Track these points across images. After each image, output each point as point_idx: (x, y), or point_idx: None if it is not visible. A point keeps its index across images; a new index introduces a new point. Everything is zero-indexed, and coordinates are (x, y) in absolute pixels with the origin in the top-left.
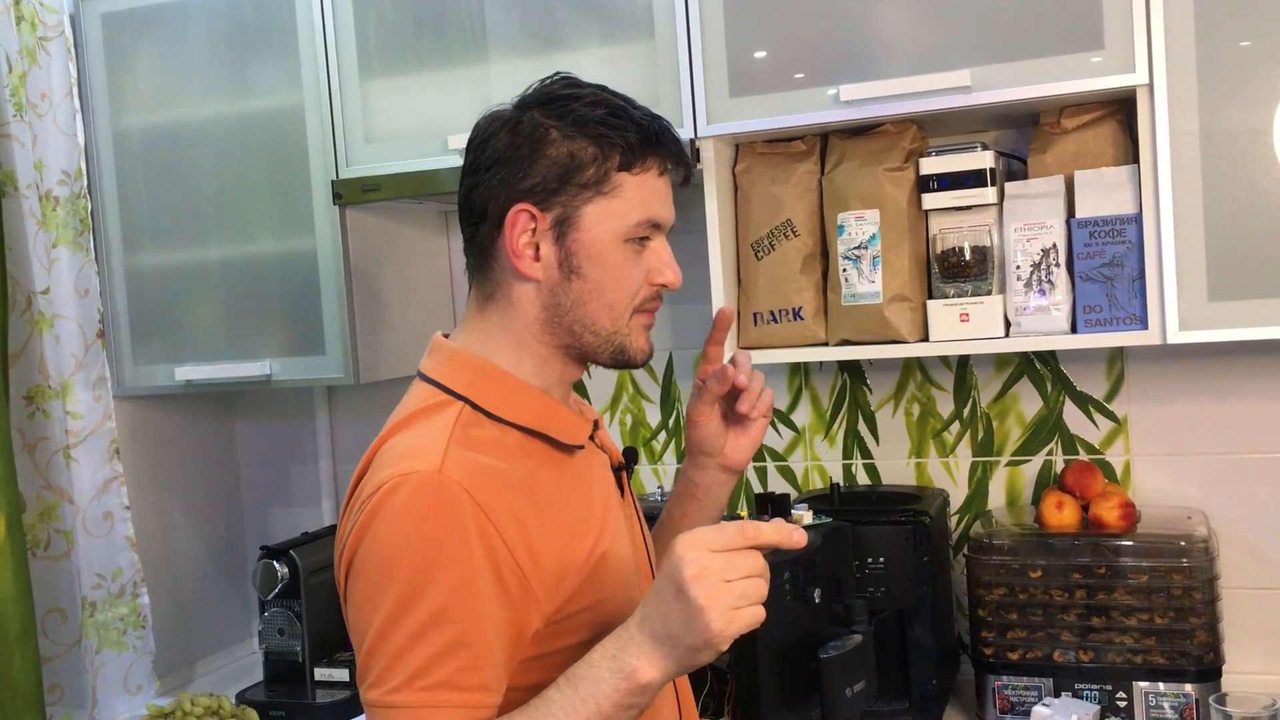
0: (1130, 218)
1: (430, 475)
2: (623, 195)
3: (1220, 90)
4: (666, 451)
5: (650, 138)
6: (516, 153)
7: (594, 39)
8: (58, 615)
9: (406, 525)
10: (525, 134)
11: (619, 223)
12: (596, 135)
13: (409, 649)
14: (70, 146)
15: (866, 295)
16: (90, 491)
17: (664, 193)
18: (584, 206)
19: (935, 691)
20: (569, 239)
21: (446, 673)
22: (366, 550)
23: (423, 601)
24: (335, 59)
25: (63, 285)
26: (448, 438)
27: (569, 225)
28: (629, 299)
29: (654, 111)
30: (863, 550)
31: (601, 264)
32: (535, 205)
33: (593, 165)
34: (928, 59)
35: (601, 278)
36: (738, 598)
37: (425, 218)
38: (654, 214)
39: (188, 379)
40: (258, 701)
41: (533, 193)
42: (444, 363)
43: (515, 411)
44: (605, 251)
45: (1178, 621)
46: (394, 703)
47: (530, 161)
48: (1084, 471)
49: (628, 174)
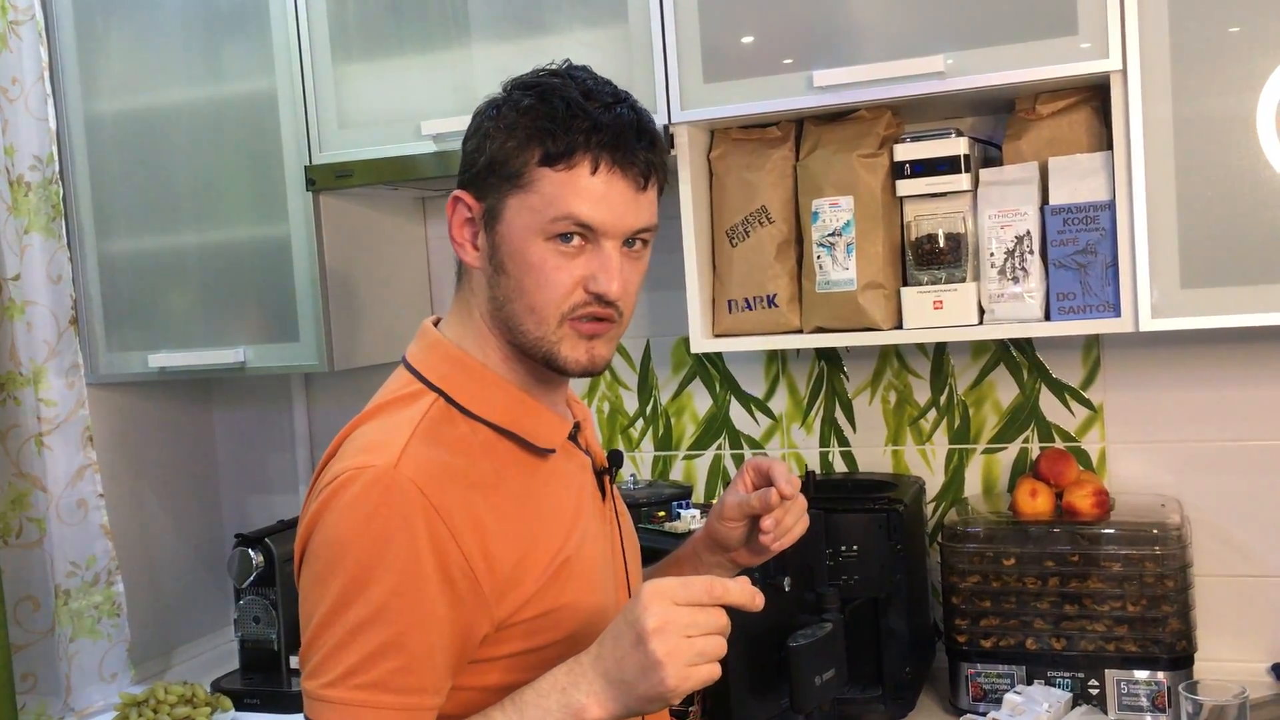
0: (1104, 205)
1: (384, 471)
2: (539, 189)
3: (1194, 77)
4: (644, 439)
5: (581, 133)
6: (468, 139)
7: (573, 22)
8: (30, 603)
9: (354, 520)
10: (478, 121)
11: (534, 218)
12: (523, 125)
13: (346, 645)
14: (42, 131)
15: (841, 282)
16: (64, 479)
17: (602, 193)
18: (507, 199)
19: (909, 679)
20: (495, 232)
21: (380, 673)
22: (316, 542)
23: (363, 599)
24: (308, 43)
25: (34, 271)
26: (411, 432)
27: (495, 217)
28: (553, 303)
29: (626, 109)
30: (836, 538)
31: (520, 261)
32: (472, 193)
33: (515, 157)
34: (902, 44)
35: (522, 277)
36: (696, 655)
37: (401, 204)
38: (574, 211)
39: (161, 366)
40: (233, 690)
41: (471, 181)
42: (425, 351)
43: (488, 408)
44: (523, 248)
45: (1150, 609)
46: (327, 697)
47: (473, 149)
48: (1058, 459)
49: (549, 169)
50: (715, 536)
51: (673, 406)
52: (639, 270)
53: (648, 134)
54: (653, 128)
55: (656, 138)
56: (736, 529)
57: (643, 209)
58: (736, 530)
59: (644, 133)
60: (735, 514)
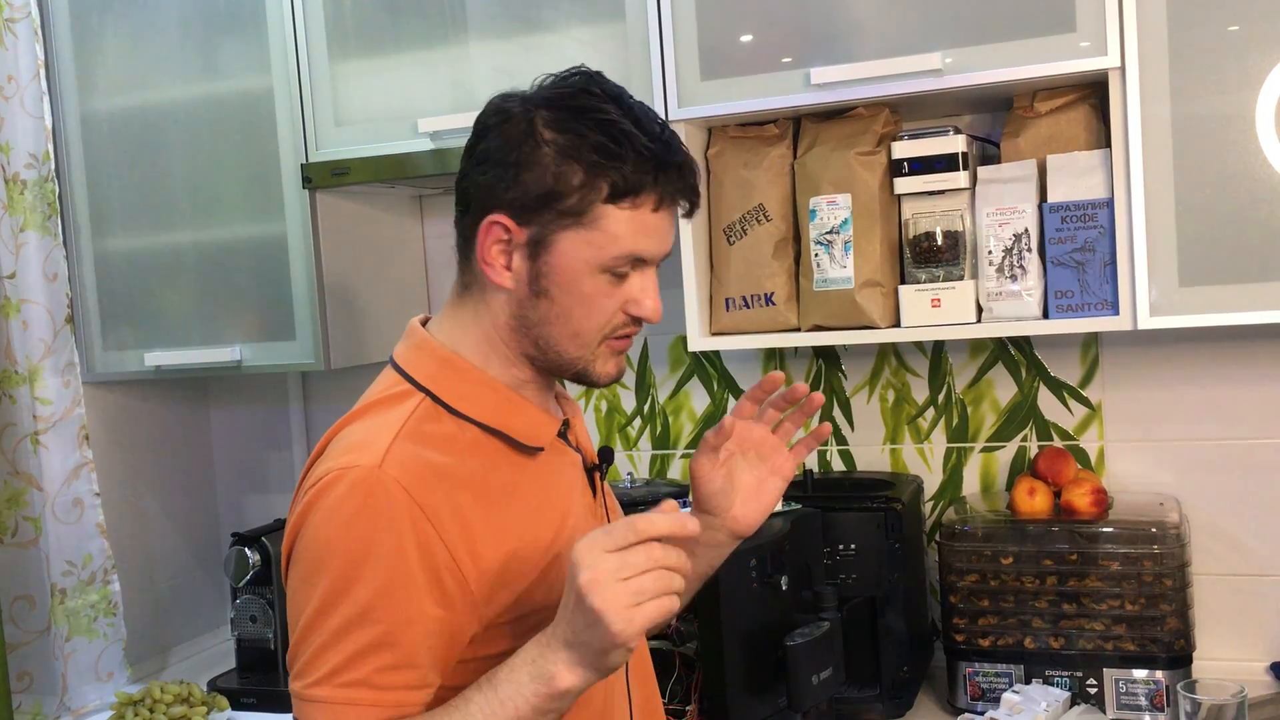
0: (1102, 202)
1: (368, 471)
2: (604, 228)
3: (1192, 75)
4: (641, 438)
5: (649, 171)
6: (506, 158)
7: (570, 20)
8: (26, 602)
9: (338, 521)
10: (520, 141)
11: (595, 254)
12: (589, 163)
13: (332, 645)
14: (37, 129)
15: (838, 280)
16: (59, 478)
17: (657, 227)
18: (561, 232)
19: (907, 678)
20: (541, 260)
21: (366, 671)
22: (302, 542)
23: (348, 598)
24: (305, 41)
25: (30, 269)
26: (396, 432)
27: (543, 247)
28: (598, 329)
29: (673, 136)
30: (834, 537)
31: (571, 292)
32: (513, 218)
33: (577, 193)
34: (900, 42)
35: (570, 305)
36: (633, 595)
37: (398, 202)
38: (639, 249)
39: (157, 364)
40: (230, 689)
41: (512, 205)
42: (412, 350)
43: (475, 408)
44: (577, 281)
45: (1149, 608)
46: (313, 696)
47: (517, 172)
48: (1056, 458)
49: (614, 207)
50: (703, 504)
51: (670, 405)
52: None
53: (691, 164)
54: (690, 155)
55: (695, 167)
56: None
57: (673, 230)
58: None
59: (691, 164)
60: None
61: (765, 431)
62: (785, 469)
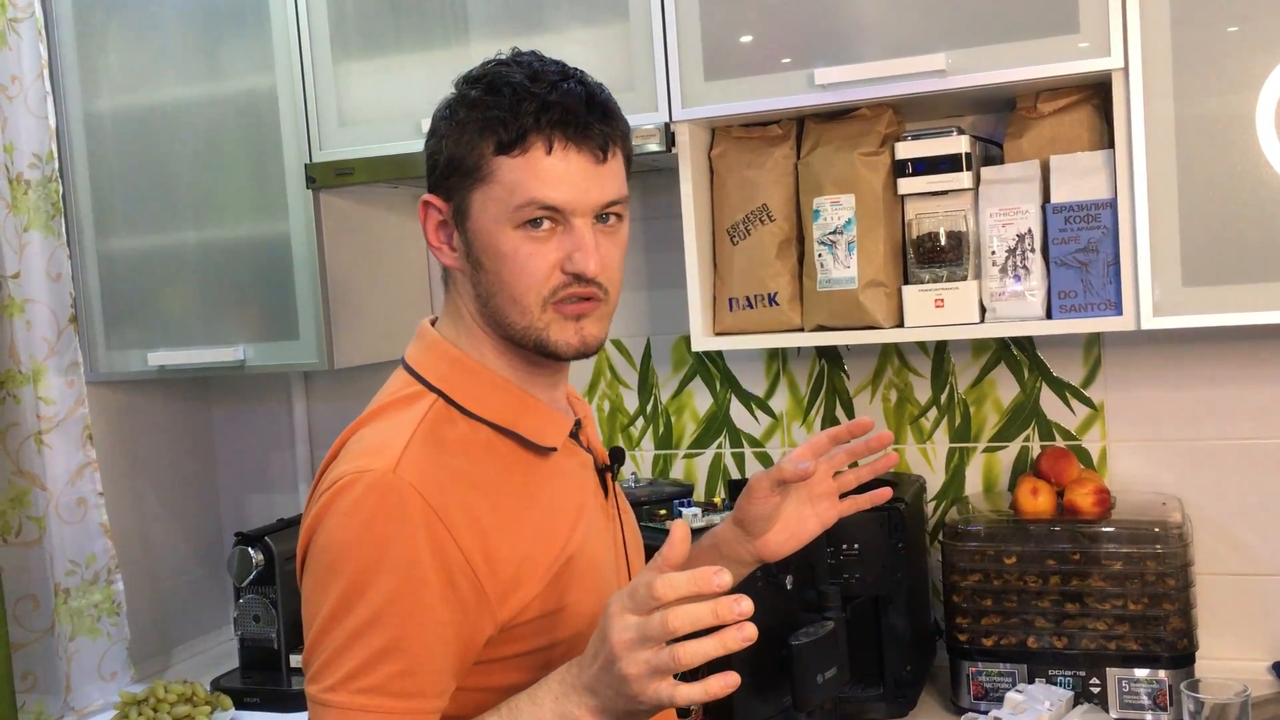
0: (1105, 203)
1: (382, 475)
2: (499, 180)
3: (1195, 76)
4: (644, 438)
5: (530, 115)
6: (427, 142)
7: (573, 21)
8: (29, 602)
9: (353, 525)
10: (434, 123)
11: (499, 209)
12: (473, 119)
13: (346, 649)
14: (41, 129)
15: (842, 280)
16: (63, 478)
17: (562, 172)
18: (470, 194)
19: (910, 678)
20: (466, 229)
21: (380, 677)
22: (317, 546)
23: (363, 603)
24: (308, 40)
25: (34, 269)
26: (410, 435)
27: (463, 215)
28: (534, 290)
29: (574, 83)
30: (837, 536)
31: (493, 253)
32: (439, 195)
33: (470, 151)
34: (903, 42)
35: (498, 268)
36: (652, 671)
37: (401, 202)
38: (536, 195)
39: (161, 364)
40: (233, 688)
41: (436, 184)
42: (424, 351)
43: (488, 408)
44: (494, 241)
45: (1151, 608)
46: (327, 701)
47: (433, 150)
48: (1059, 458)
49: (505, 157)
50: (741, 517)
51: (673, 405)
52: (618, 244)
53: (599, 105)
54: (605, 97)
55: (610, 107)
56: (765, 503)
57: (607, 182)
58: (766, 504)
59: (595, 104)
60: (765, 486)
61: (826, 474)
62: (827, 516)
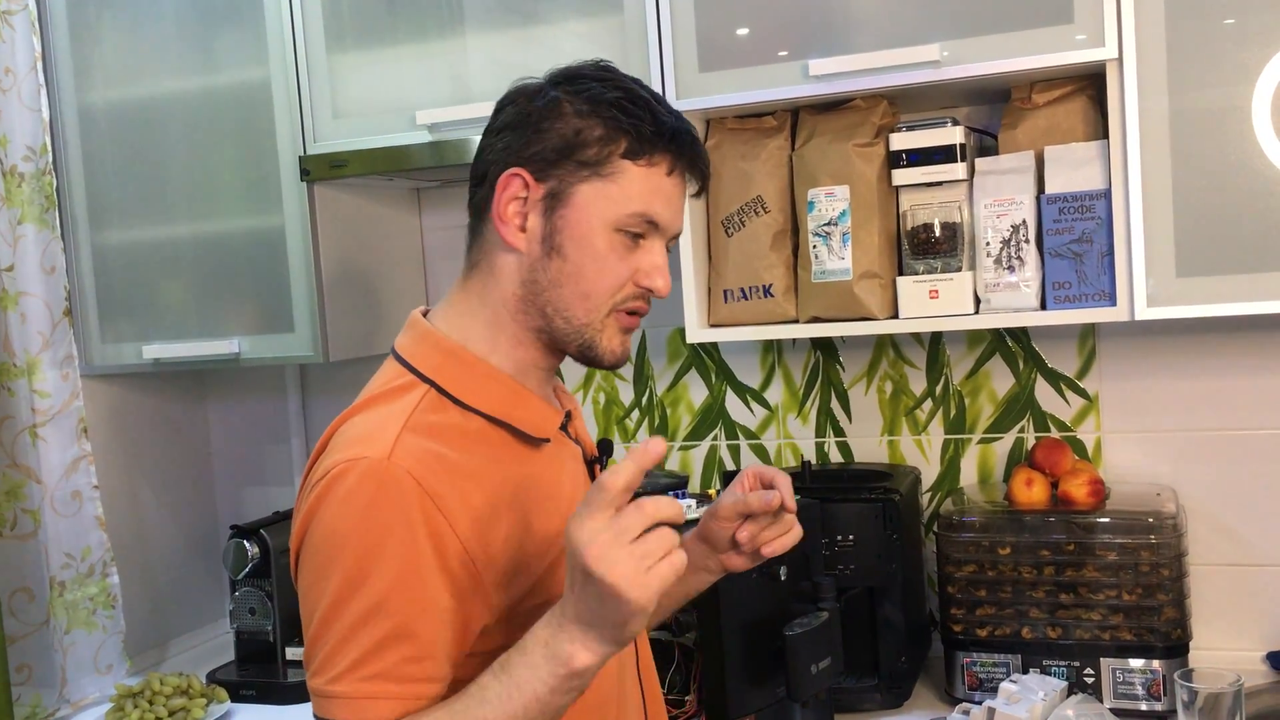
0: (1099, 193)
1: (377, 462)
2: (621, 183)
3: (1190, 67)
4: (640, 430)
5: (665, 134)
6: (525, 120)
7: (568, 13)
8: (25, 595)
9: (350, 512)
10: (539, 104)
11: (611, 208)
12: (607, 117)
13: (350, 638)
14: (35, 122)
15: (836, 272)
16: (58, 471)
17: (670, 193)
18: (579, 185)
19: (905, 668)
20: (557, 215)
21: (387, 663)
22: (313, 536)
23: (364, 590)
24: (303, 32)
25: (28, 262)
26: (403, 423)
27: (560, 201)
28: (608, 292)
29: (682, 116)
30: (832, 528)
31: (585, 247)
32: (531, 173)
33: (596, 145)
34: (898, 33)
35: (583, 261)
36: (640, 558)
37: (396, 195)
38: (652, 210)
39: (156, 357)
40: (229, 681)
41: (531, 160)
42: (416, 342)
43: (481, 399)
44: (591, 235)
45: (1146, 598)
46: (333, 692)
47: (536, 130)
48: (1054, 448)
49: (632, 162)
50: (707, 535)
51: (668, 397)
52: None
53: (702, 145)
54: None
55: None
56: (728, 529)
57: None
58: (728, 530)
59: (699, 142)
60: (730, 513)
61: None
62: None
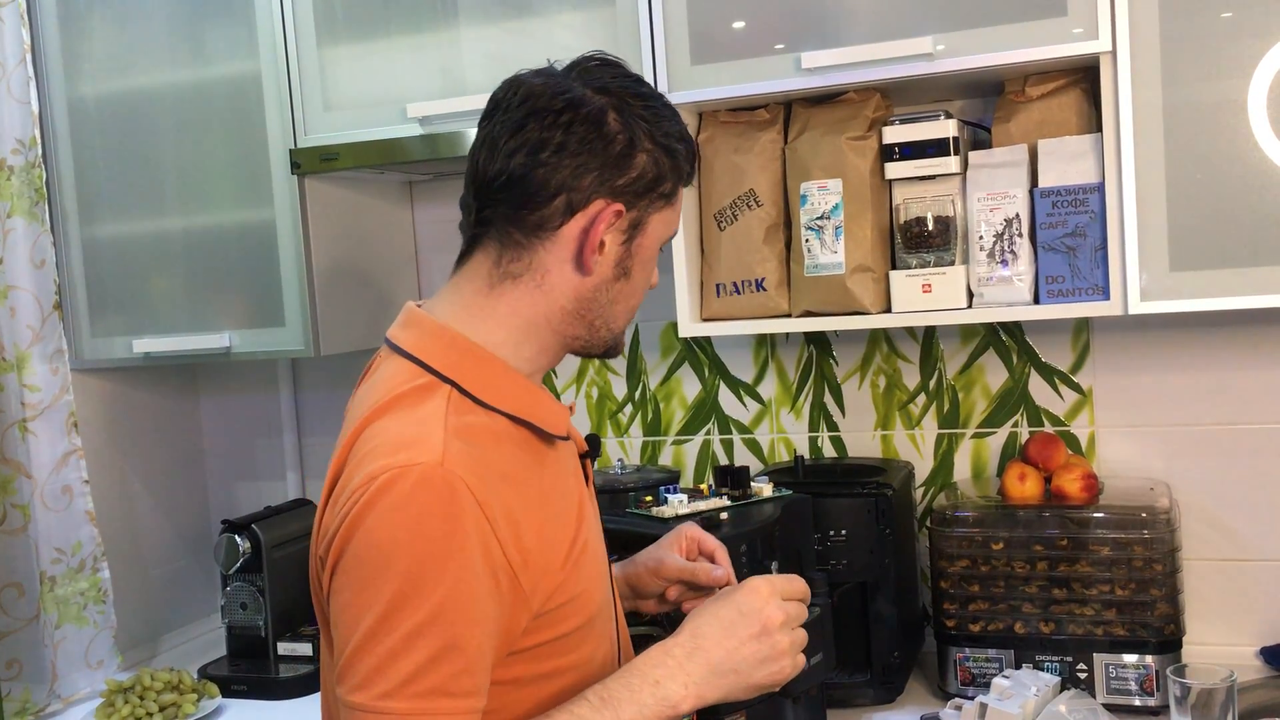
0: (1093, 187)
1: (432, 468)
2: (677, 208)
3: (1184, 60)
4: (632, 424)
5: (694, 156)
6: (609, 149)
7: (561, 5)
8: (14, 590)
9: (406, 521)
10: (615, 132)
11: (667, 231)
12: (674, 152)
13: (402, 652)
14: (24, 115)
15: (829, 266)
16: (48, 465)
17: None
18: (654, 214)
19: (897, 664)
20: (634, 243)
21: (441, 678)
22: (357, 544)
23: (419, 602)
24: (293, 25)
25: (17, 256)
26: (444, 426)
27: (639, 230)
28: (642, 300)
29: None
30: (824, 523)
31: (644, 269)
32: (624, 205)
33: (670, 178)
34: (891, 26)
35: (640, 282)
36: (795, 645)
37: (388, 188)
38: (677, 228)
39: (146, 351)
40: (220, 676)
41: (623, 193)
42: (426, 339)
43: (502, 398)
44: (650, 258)
45: (1139, 593)
46: (384, 709)
47: (625, 161)
48: (1047, 443)
49: (681, 188)
50: (636, 583)
51: (661, 391)
52: None
53: None
54: None
55: None
56: (663, 587)
57: None
58: (662, 587)
59: None
60: (674, 577)
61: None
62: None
